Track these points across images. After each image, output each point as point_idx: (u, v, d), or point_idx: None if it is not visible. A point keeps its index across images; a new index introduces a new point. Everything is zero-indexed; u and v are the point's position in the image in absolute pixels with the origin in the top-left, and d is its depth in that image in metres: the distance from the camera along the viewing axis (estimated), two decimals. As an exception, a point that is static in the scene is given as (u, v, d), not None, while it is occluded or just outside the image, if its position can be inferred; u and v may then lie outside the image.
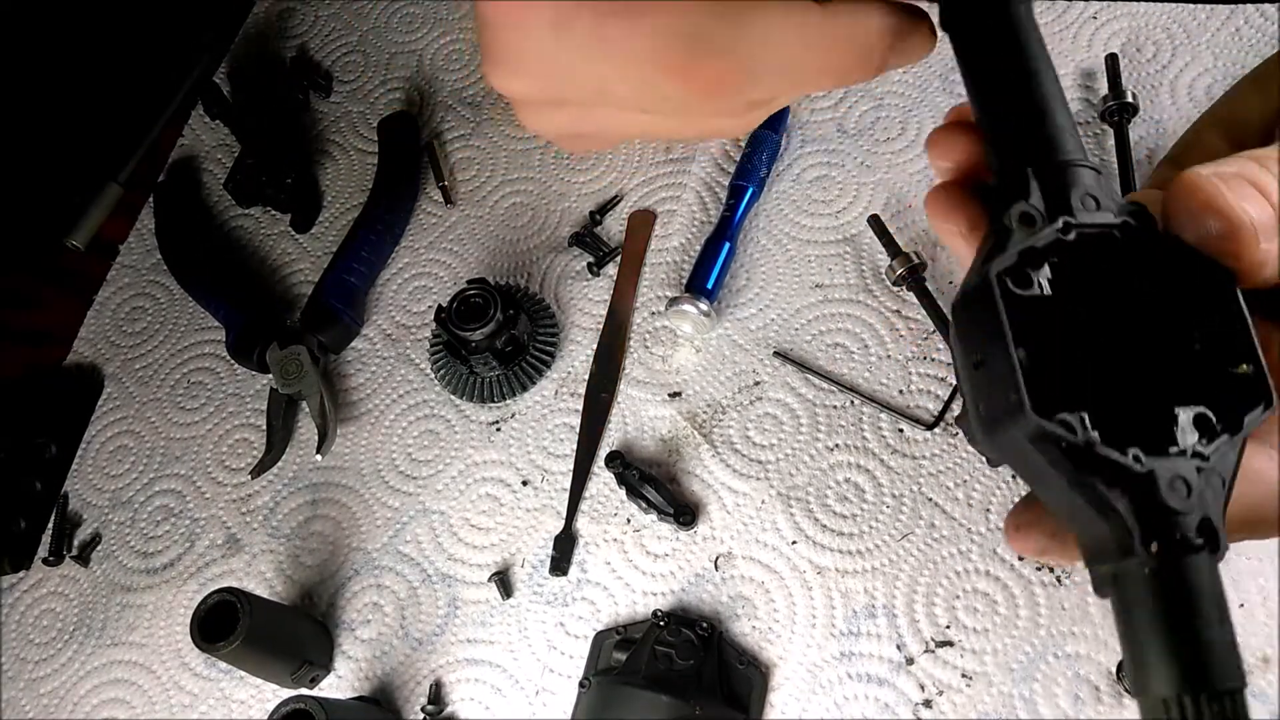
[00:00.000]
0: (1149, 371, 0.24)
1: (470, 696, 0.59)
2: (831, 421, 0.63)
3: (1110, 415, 0.23)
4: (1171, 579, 0.22)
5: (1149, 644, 0.22)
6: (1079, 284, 0.24)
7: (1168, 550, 0.22)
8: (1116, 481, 0.22)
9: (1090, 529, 0.23)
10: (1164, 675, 0.22)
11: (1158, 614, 0.22)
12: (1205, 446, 0.23)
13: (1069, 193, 0.25)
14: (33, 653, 0.66)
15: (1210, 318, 0.24)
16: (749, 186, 0.70)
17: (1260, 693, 0.51)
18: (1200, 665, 0.22)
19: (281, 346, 0.70)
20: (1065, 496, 0.23)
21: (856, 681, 0.55)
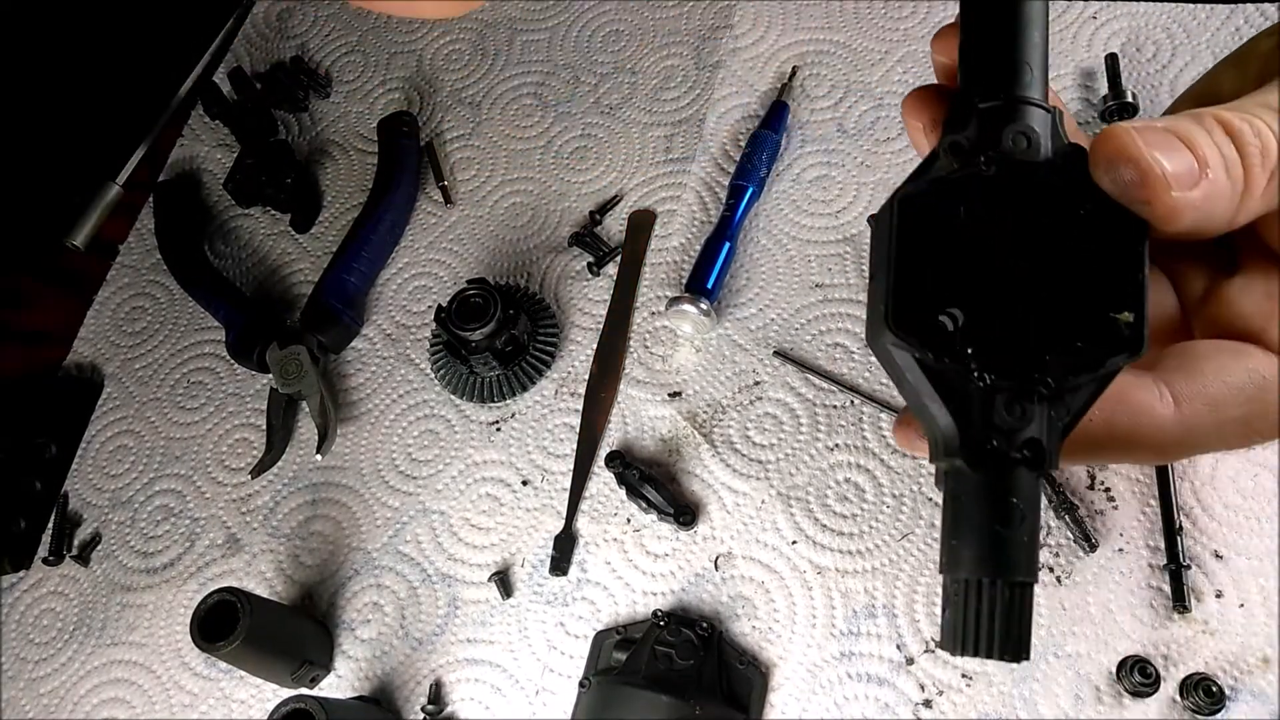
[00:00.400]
0: (1036, 302, 0.26)
1: (470, 696, 0.59)
2: (831, 421, 0.63)
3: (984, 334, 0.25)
4: (987, 483, 0.25)
5: (960, 533, 0.26)
6: (993, 213, 0.26)
7: (987, 458, 0.25)
8: (956, 393, 0.25)
9: (932, 429, 0.26)
10: (966, 560, 0.25)
11: (970, 509, 0.25)
12: (1061, 378, 0.25)
13: (1004, 129, 0.26)
14: (33, 652, 0.66)
15: (1112, 263, 0.26)
16: (749, 186, 0.70)
17: (1260, 693, 0.51)
18: (997, 558, 0.25)
19: (281, 346, 0.70)
20: (915, 399, 0.26)
21: (856, 681, 0.55)
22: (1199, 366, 0.28)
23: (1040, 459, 0.25)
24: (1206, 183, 0.25)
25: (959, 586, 0.25)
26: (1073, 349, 0.25)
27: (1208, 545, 0.55)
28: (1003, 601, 0.25)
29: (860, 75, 0.76)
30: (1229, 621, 0.53)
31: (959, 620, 0.25)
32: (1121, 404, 0.27)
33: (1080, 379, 0.25)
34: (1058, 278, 0.26)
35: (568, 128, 0.79)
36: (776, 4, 0.81)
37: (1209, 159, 0.25)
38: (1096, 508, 0.57)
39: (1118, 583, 0.55)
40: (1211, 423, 0.27)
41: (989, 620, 0.25)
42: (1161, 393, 0.27)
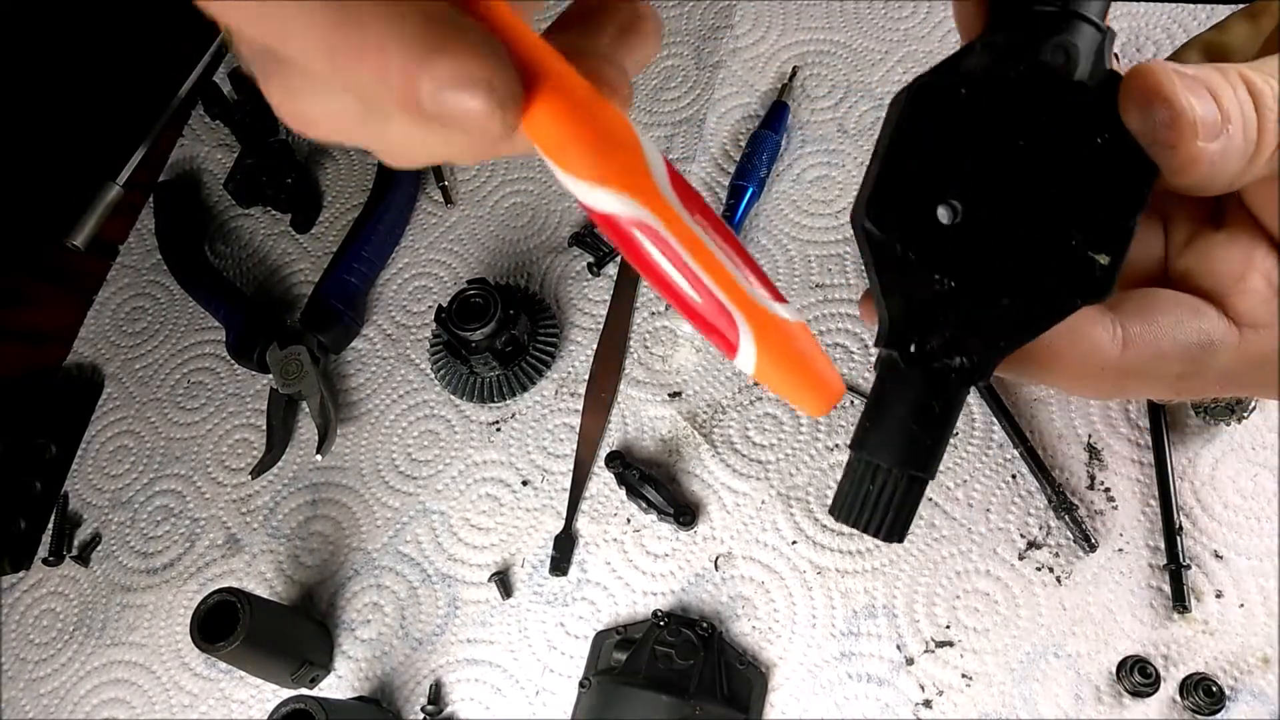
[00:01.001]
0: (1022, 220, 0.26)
1: (470, 696, 0.59)
2: (832, 421, 0.63)
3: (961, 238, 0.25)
4: (915, 382, 0.26)
5: (877, 418, 0.27)
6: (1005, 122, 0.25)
7: (921, 359, 0.26)
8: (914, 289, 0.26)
9: (882, 316, 0.27)
10: (875, 444, 0.27)
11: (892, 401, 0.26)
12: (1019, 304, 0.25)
13: (1049, 39, 0.25)
14: (33, 653, 0.66)
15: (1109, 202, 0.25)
16: (749, 186, 0.70)
17: (1260, 693, 0.51)
18: (904, 451, 0.26)
19: (281, 347, 0.70)
20: (873, 284, 0.27)
21: (857, 682, 0.55)
22: (1156, 316, 0.28)
23: (973, 373, 0.26)
24: (1225, 137, 0.25)
25: (862, 465, 0.27)
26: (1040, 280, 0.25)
27: (1208, 545, 0.55)
28: (898, 489, 0.26)
29: (861, 75, 0.76)
30: (1229, 621, 0.53)
31: (855, 495, 0.27)
32: (1071, 333, 0.27)
33: (1041, 310, 0.25)
34: (1050, 202, 0.25)
35: (568, 128, 0.79)
36: (777, 4, 0.81)
37: (1231, 113, 0.25)
38: (1096, 508, 0.57)
39: (1118, 583, 0.55)
40: (1151, 370, 0.28)
41: (881, 503, 0.26)
42: (1114, 333, 0.28)
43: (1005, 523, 0.58)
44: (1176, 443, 0.58)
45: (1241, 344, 0.28)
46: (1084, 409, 0.60)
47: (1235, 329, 0.28)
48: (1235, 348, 0.28)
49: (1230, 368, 0.28)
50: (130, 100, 0.87)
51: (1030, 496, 0.58)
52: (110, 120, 0.86)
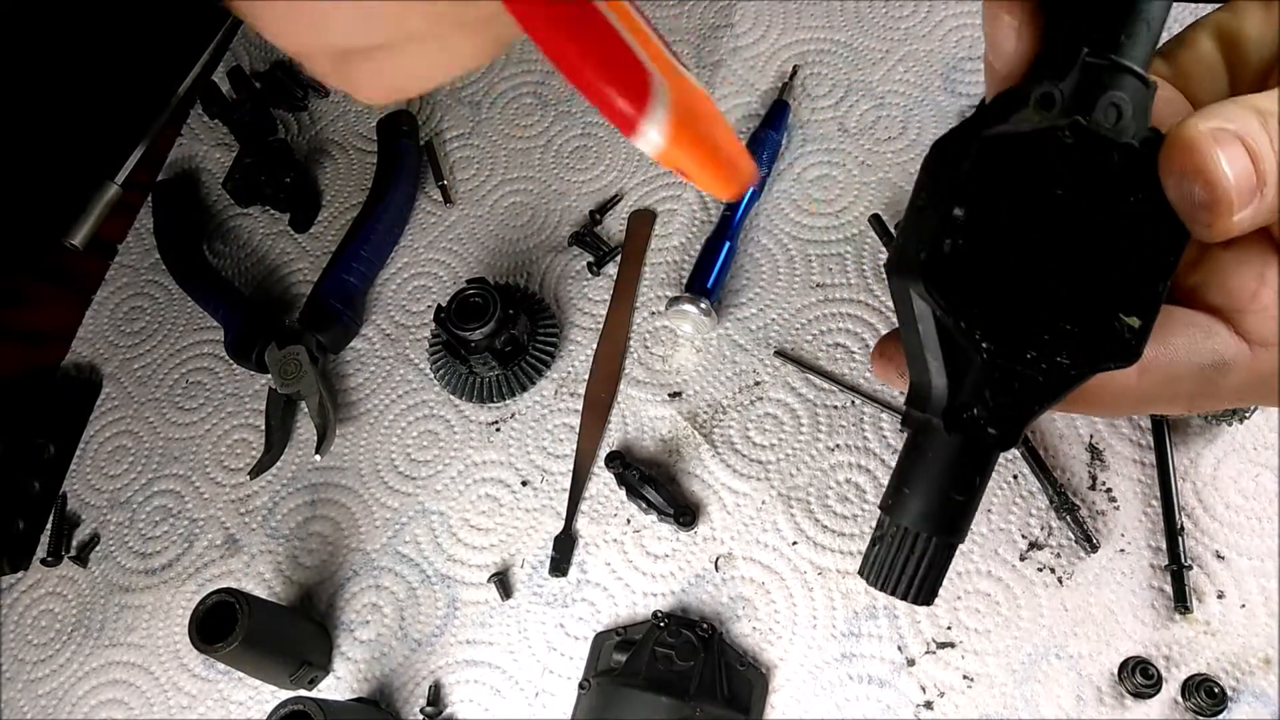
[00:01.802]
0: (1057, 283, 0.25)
1: (469, 698, 0.59)
2: (832, 421, 0.63)
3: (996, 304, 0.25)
4: (955, 449, 0.26)
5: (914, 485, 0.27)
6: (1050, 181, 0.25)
7: (963, 427, 0.26)
8: (958, 358, 0.25)
9: (921, 379, 0.27)
10: (914, 512, 0.26)
11: (932, 467, 0.26)
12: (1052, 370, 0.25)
13: (1099, 95, 0.25)
14: (31, 653, 0.66)
15: (1141, 266, 0.26)
16: (750, 186, 0.70)
17: (1260, 693, 0.51)
18: (943, 519, 0.26)
19: (280, 346, 0.70)
20: (916, 348, 0.26)
21: (857, 683, 0.55)
22: (1170, 339, 0.28)
23: (1011, 439, 0.26)
24: (1259, 201, 0.25)
25: (898, 531, 0.27)
26: (1074, 342, 0.25)
27: (1209, 546, 0.55)
28: (932, 557, 0.26)
29: (861, 74, 0.76)
30: (1230, 622, 0.53)
31: (887, 560, 0.27)
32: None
33: (1072, 374, 0.26)
34: (1089, 266, 0.25)
35: (568, 127, 0.79)
36: (777, 3, 0.81)
37: (1267, 174, 0.25)
38: (1098, 508, 0.57)
39: (1119, 583, 0.55)
40: (1165, 393, 0.28)
41: (914, 568, 0.26)
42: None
43: (1006, 523, 0.58)
44: (1178, 443, 0.58)
45: (1253, 362, 0.28)
46: (1085, 409, 0.60)
47: (1246, 347, 0.28)
48: (1247, 366, 0.28)
49: (1242, 385, 0.28)
50: (128, 99, 0.87)
51: (1032, 497, 0.58)
52: (108, 119, 0.86)
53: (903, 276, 0.26)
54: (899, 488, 0.27)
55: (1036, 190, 0.25)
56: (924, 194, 0.26)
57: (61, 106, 0.85)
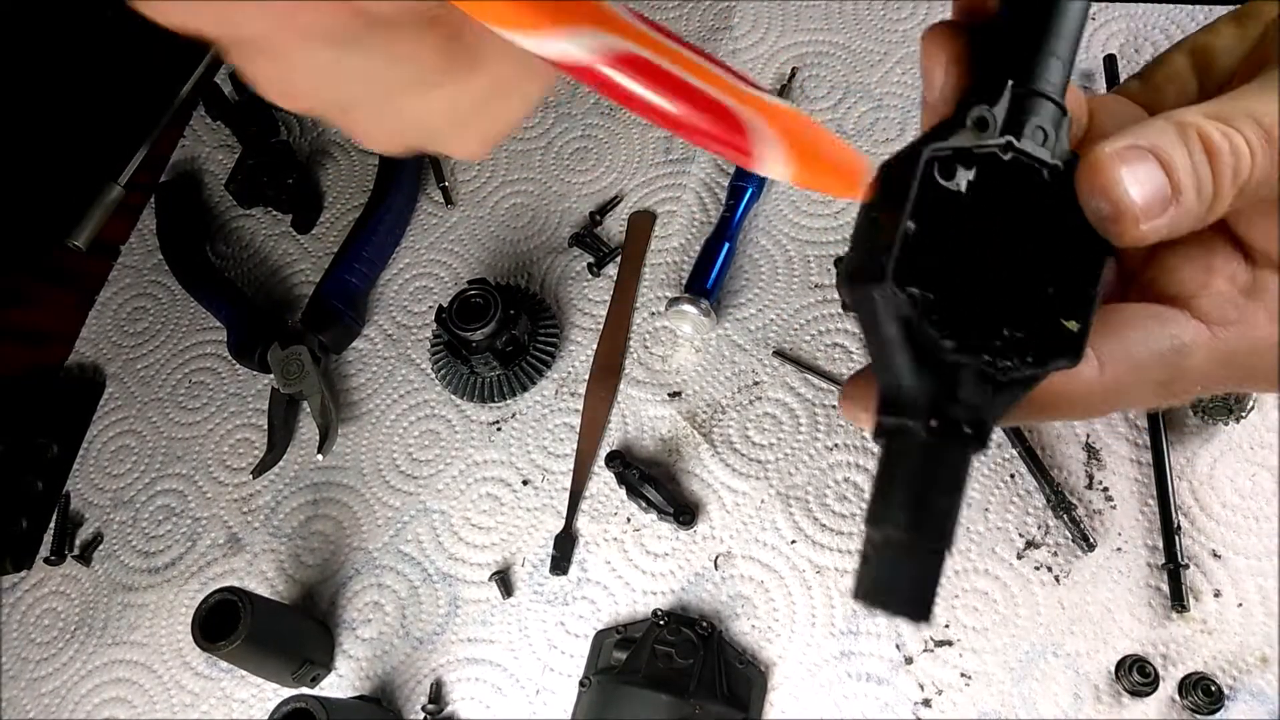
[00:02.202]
0: (1004, 291, 0.27)
1: (471, 695, 0.59)
2: (831, 421, 0.63)
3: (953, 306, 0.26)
4: (933, 452, 0.26)
5: (894, 491, 0.26)
6: (989, 197, 0.27)
7: (942, 430, 0.26)
8: (929, 359, 0.26)
9: (893, 385, 0.27)
10: (895, 518, 0.26)
11: (911, 472, 0.26)
12: (1008, 366, 0.26)
13: (1027, 118, 0.27)
14: (34, 652, 0.66)
15: (1073, 274, 0.27)
16: (749, 186, 0.70)
17: (1259, 692, 0.51)
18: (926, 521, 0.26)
19: (283, 347, 0.70)
20: (884, 350, 0.27)
21: (856, 681, 0.55)
22: (1125, 331, 0.29)
23: (983, 438, 0.26)
24: (1175, 209, 0.26)
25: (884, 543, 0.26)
26: (1024, 342, 0.27)
27: (1206, 545, 0.55)
28: (920, 566, 0.26)
29: (859, 76, 0.76)
30: (1227, 621, 0.53)
31: (878, 576, 0.26)
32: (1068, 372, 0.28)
33: (1025, 371, 0.27)
34: (1026, 273, 0.27)
35: (568, 128, 0.80)
36: (776, 5, 0.81)
37: (1183, 184, 0.26)
38: (1095, 507, 0.57)
39: (1116, 582, 0.55)
40: (1132, 383, 0.29)
41: (904, 580, 0.26)
42: (1089, 355, 0.28)
43: (1004, 522, 0.58)
44: (1175, 442, 0.58)
45: (1213, 342, 0.29)
46: (1083, 409, 0.60)
47: (1205, 329, 0.29)
48: (1207, 346, 0.29)
49: (1206, 367, 0.29)
50: (131, 101, 0.87)
51: (1029, 496, 0.58)
52: (111, 121, 0.86)
53: (865, 283, 0.26)
54: (880, 499, 0.27)
55: (979, 205, 0.27)
56: (875, 210, 0.27)
57: (64, 108, 0.86)
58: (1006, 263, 0.27)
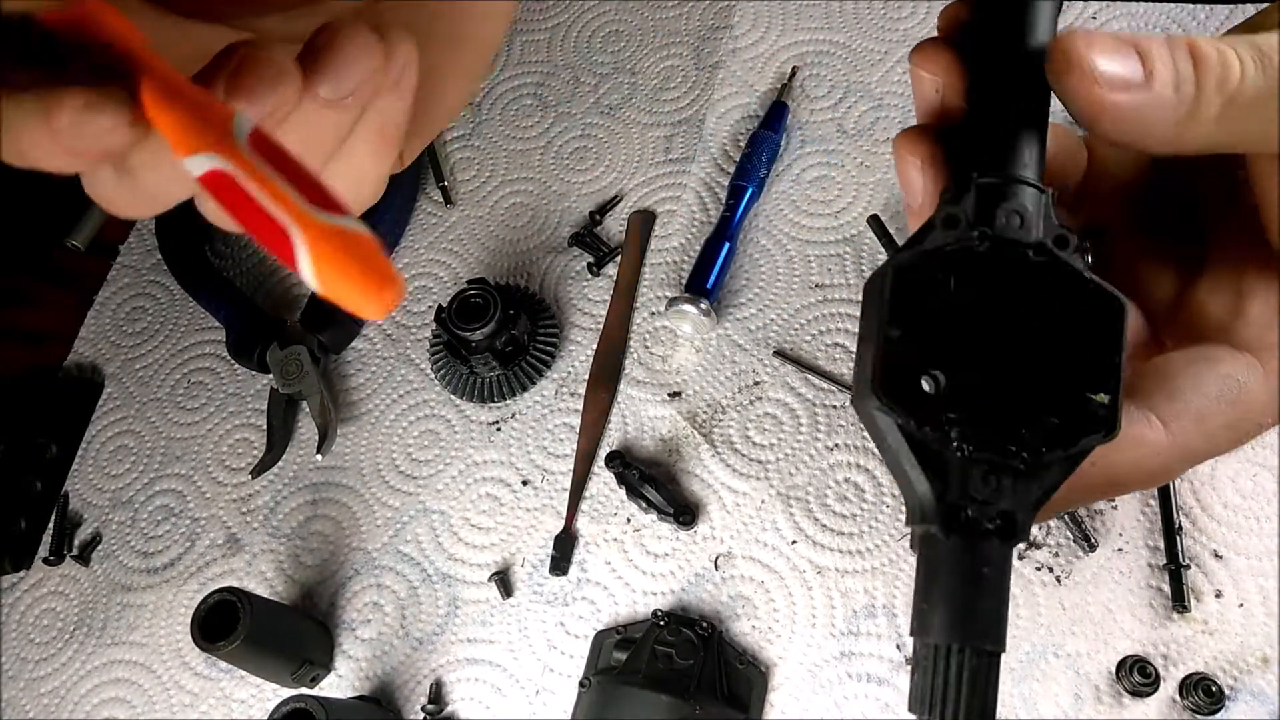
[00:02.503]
0: (1017, 376, 0.27)
1: (470, 696, 0.59)
2: (831, 421, 0.63)
3: (965, 405, 0.26)
4: (960, 554, 0.26)
5: (931, 598, 0.26)
6: (981, 288, 0.27)
7: (960, 528, 0.26)
8: (934, 462, 0.26)
9: (910, 495, 0.27)
10: (936, 625, 0.26)
11: (942, 576, 0.26)
12: (1036, 454, 0.26)
13: (999, 205, 0.27)
14: (33, 652, 0.66)
15: (1090, 345, 0.27)
16: (749, 187, 0.70)
17: (1260, 692, 0.51)
18: (966, 625, 0.25)
19: (282, 346, 0.70)
20: (896, 464, 0.27)
21: (856, 681, 0.55)
22: (1176, 384, 0.28)
23: (1012, 531, 0.26)
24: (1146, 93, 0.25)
25: (928, 651, 0.26)
26: (1049, 425, 0.26)
27: (1207, 545, 0.55)
28: (970, 669, 0.25)
29: (860, 75, 0.76)
30: (1228, 621, 0.53)
31: (926, 685, 0.25)
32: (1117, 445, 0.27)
33: (1054, 455, 0.26)
34: (1038, 355, 0.27)
35: (568, 128, 0.79)
36: (776, 4, 0.81)
37: (1157, 71, 0.25)
38: (1096, 508, 0.57)
39: (1117, 582, 0.55)
40: (1201, 436, 0.28)
41: (956, 687, 0.25)
42: (1150, 420, 0.28)
43: (1005, 522, 0.58)
44: (1176, 442, 0.58)
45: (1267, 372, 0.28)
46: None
47: (1254, 359, 0.28)
48: (1260, 376, 0.28)
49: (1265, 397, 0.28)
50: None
51: (1030, 496, 0.58)
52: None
53: (861, 401, 0.27)
54: (921, 607, 0.26)
55: (970, 300, 0.27)
56: (861, 325, 0.28)
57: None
58: (1014, 350, 0.27)
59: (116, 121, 0.24)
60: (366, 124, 0.29)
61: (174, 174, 0.27)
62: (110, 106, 0.24)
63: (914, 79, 0.30)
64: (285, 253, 0.24)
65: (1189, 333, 0.30)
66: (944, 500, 0.26)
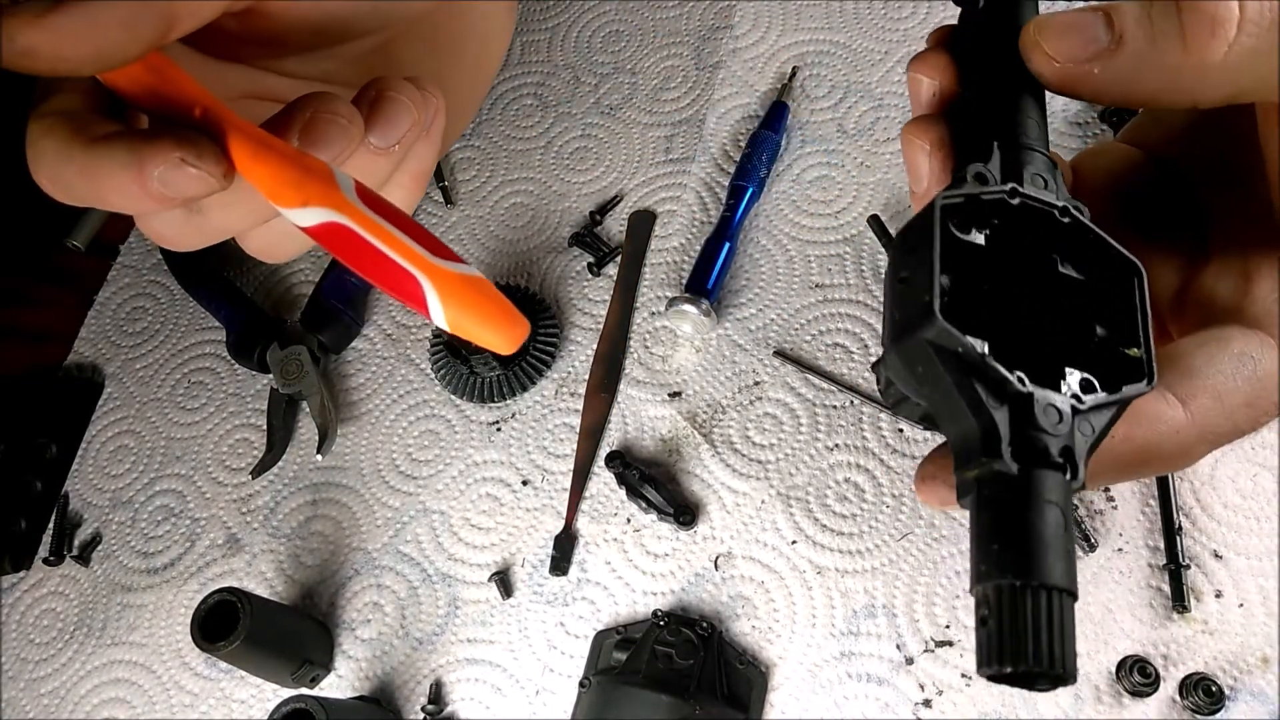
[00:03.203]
0: (1051, 333, 0.26)
1: (470, 696, 0.59)
2: (831, 421, 0.63)
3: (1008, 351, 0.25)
4: (1027, 484, 0.24)
5: (996, 538, 0.24)
6: (1011, 245, 0.27)
7: (1031, 458, 0.24)
8: (998, 392, 0.25)
9: (965, 431, 0.25)
10: (1004, 564, 0.23)
11: (1010, 512, 0.24)
12: (1084, 397, 0.25)
13: (1024, 168, 0.28)
14: (33, 652, 0.66)
15: (1116, 305, 0.27)
16: (749, 187, 0.70)
17: (1260, 692, 0.51)
18: (1037, 562, 0.23)
19: (282, 346, 0.70)
20: (950, 399, 0.25)
21: (856, 681, 0.55)
22: (1190, 364, 0.28)
23: (1076, 468, 0.24)
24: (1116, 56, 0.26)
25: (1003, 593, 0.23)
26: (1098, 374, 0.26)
27: (1207, 545, 0.55)
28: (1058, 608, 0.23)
29: (860, 75, 0.76)
30: (1228, 621, 0.53)
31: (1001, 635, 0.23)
32: (1137, 420, 0.27)
33: (1101, 397, 0.25)
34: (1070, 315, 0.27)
35: (568, 128, 0.79)
36: (776, 4, 0.81)
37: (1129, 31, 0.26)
38: (1096, 508, 0.57)
39: (1117, 582, 0.55)
40: (1220, 414, 0.28)
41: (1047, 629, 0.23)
42: (1168, 399, 0.27)
43: (1005, 522, 0.58)
44: (1176, 442, 0.58)
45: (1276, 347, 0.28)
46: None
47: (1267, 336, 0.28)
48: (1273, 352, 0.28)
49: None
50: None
51: (1030, 496, 0.58)
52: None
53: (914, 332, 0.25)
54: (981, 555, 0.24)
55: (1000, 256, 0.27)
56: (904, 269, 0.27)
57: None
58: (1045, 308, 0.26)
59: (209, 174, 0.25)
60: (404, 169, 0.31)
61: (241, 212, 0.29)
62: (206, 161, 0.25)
63: (912, 85, 0.31)
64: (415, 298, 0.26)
65: (1197, 319, 0.30)
66: (1016, 428, 0.24)
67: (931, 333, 0.24)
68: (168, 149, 0.25)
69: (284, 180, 0.26)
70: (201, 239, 0.30)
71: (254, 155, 0.26)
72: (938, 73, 0.30)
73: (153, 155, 0.25)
